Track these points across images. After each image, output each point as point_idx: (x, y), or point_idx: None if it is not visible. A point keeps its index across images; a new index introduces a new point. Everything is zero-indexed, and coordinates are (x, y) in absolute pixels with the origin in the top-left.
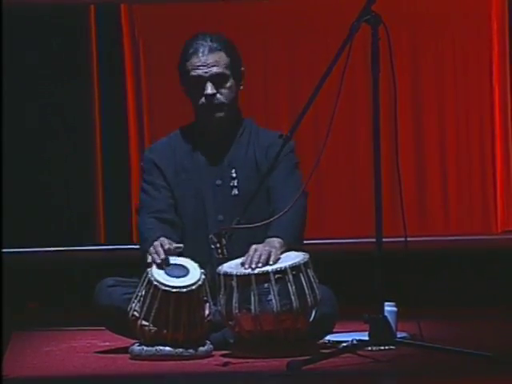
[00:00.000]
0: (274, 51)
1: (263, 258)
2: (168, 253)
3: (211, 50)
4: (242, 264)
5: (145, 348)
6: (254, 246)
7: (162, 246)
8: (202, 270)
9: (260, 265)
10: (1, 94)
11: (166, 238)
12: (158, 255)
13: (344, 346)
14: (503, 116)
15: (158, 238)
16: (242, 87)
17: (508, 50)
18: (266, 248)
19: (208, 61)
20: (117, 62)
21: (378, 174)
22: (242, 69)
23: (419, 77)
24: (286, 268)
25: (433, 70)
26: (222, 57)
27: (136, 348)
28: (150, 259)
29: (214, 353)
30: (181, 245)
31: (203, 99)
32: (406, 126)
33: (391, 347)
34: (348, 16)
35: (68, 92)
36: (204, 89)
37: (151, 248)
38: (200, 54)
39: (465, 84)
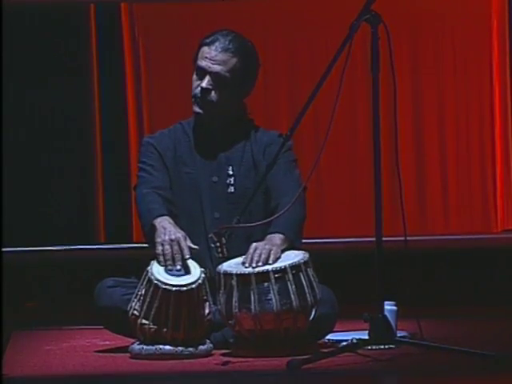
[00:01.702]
0: (274, 51)
1: (263, 256)
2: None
3: (224, 49)
4: (243, 263)
5: (145, 347)
6: (254, 245)
7: (180, 250)
8: (202, 269)
9: (260, 263)
10: (0, 93)
11: (167, 215)
12: (174, 264)
13: (344, 345)
14: (503, 115)
15: (163, 215)
16: (247, 95)
17: (508, 49)
18: (267, 246)
19: (216, 57)
20: (117, 61)
21: (377, 173)
22: (254, 80)
23: (419, 76)
24: (285, 267)
25: (433, 69)
26: (231, 60)
27: (136, 347)
28: (161, 258)
29: (213, 352)
30: (196, 247)
31: (198, 91)
32: (406, 126)
33: (391, 346)
34: (348, 15)
35: (68, 92)
36: (202, 81)
37: (168, 249)
38: (213, 48)
39: (465, 84)
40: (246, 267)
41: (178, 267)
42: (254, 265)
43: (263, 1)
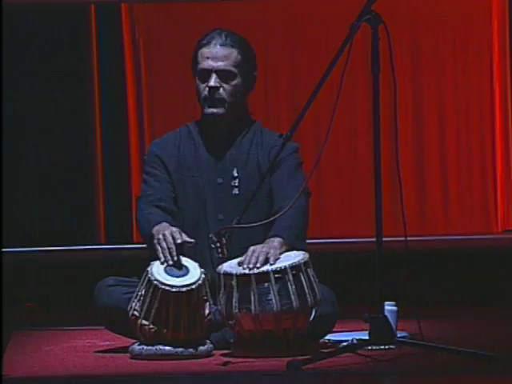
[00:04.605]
0: (274, 51)
1: (261, 258)
2: (179, 249)
3: (223, 45)
4: (239, 263)
5: (145, 347)
6: (252, 248)
7: (174, 240)
8: (202, 270)
9: (258, 264)
10: (1, 93)
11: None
12: (171, 255)
13: (344, 346)
14: (503, 115)
15: (160, 222)
16: (251, 90)
17: (508, 49)
18: (264, 249)
19: (218, 54)
20: (117, 61)
21: (377, 173)
22: (255, 73)
23: (419, 76)
24: (285, 267)
25: (433, 69)
26: (232, 53)
27: (136, 347)
28: (160, 254)
29: (214, 352)
30: (192, 240)
31: (206, 91)
32: (406, 126)
33: (391, 347)
34: (348, 16)
35: (68, 92)
36: (209, 81)
37: (163, 243)
38: (212, 46)
39: (465, 84)
40: (244, 269)
41: (176, 258)
42: (250, 266)
43: (264, 1)
